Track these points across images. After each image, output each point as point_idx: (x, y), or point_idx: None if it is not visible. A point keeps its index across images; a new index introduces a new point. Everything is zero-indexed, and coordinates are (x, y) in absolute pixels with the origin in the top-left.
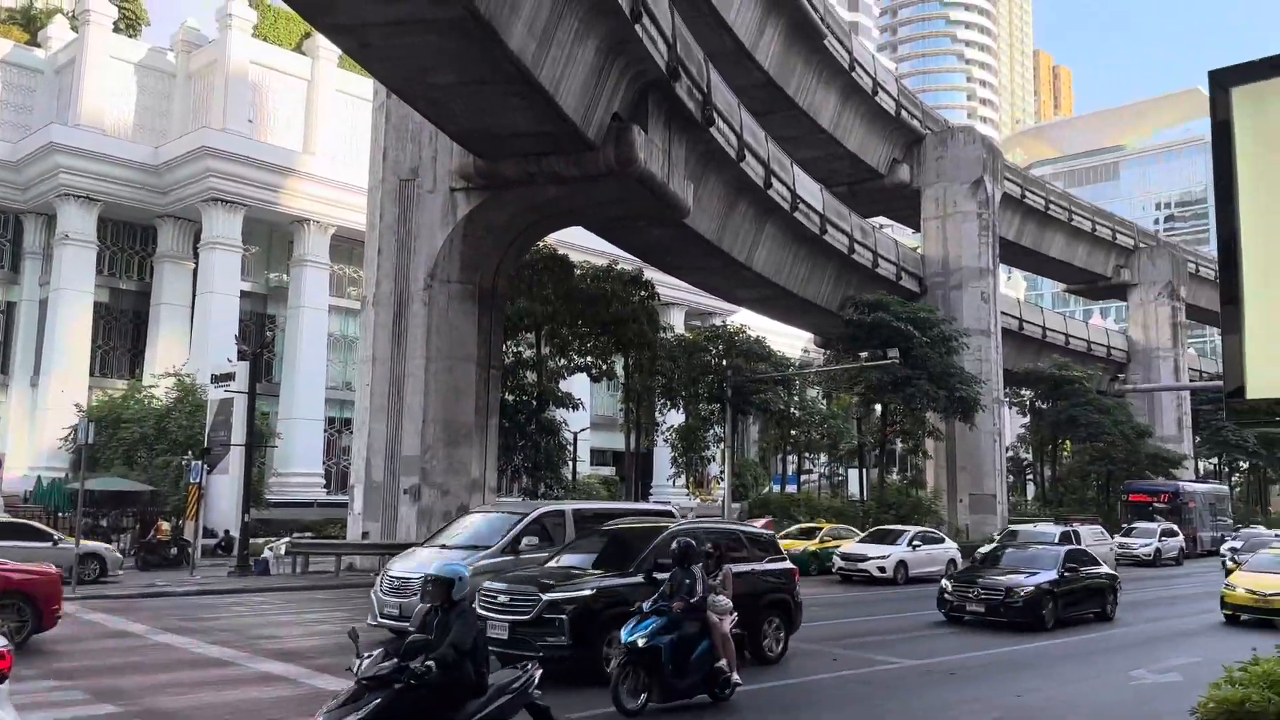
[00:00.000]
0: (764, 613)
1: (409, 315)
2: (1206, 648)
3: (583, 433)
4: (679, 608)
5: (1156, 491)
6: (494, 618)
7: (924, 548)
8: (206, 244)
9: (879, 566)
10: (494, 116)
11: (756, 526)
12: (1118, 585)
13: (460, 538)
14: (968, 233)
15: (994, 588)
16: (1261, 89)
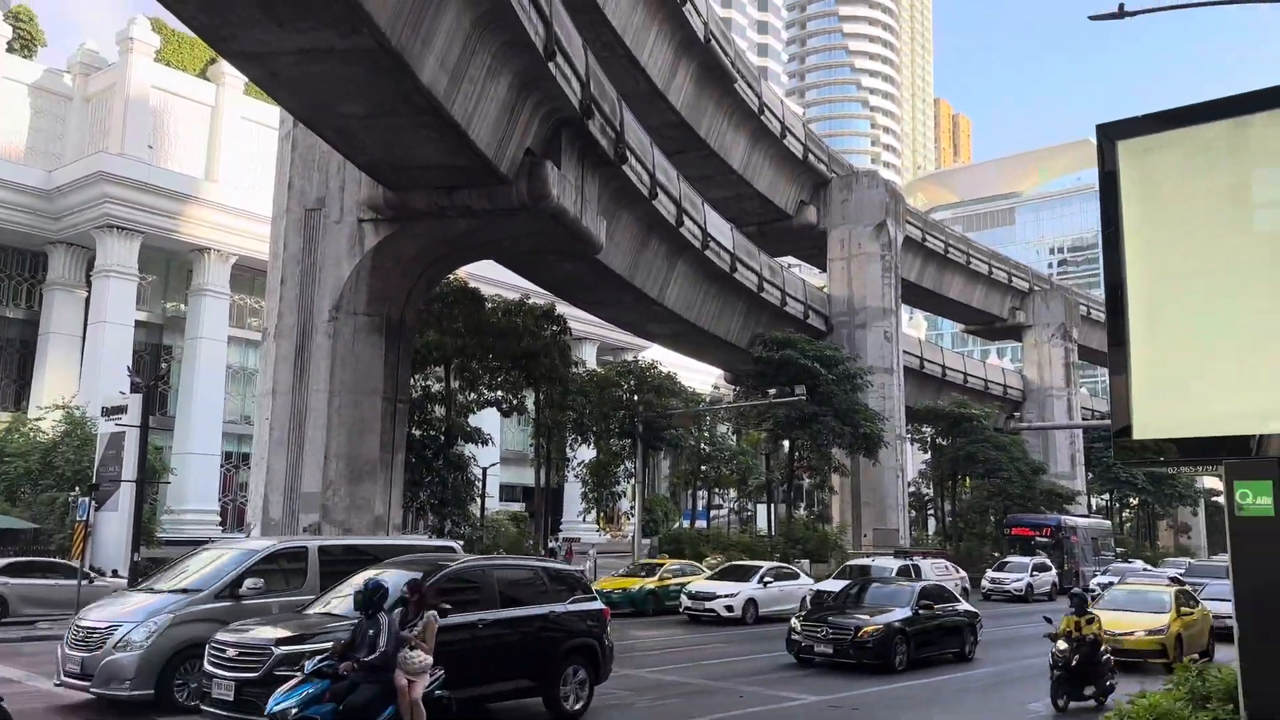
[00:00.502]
0: (564, 661)
1: (312, 347)
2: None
3: (492, 468)
4: (347, 668)
5: (1038, 525)
6: (220, 675)
7: (776, 584)
8: (100, 272)
9: (726, 605)
10: (404, 148)
11: (557, 562)
12: (977, 623)
13: (181, 579)
14: (871, 274)
15: (842, 628)
16: (1145, 143)
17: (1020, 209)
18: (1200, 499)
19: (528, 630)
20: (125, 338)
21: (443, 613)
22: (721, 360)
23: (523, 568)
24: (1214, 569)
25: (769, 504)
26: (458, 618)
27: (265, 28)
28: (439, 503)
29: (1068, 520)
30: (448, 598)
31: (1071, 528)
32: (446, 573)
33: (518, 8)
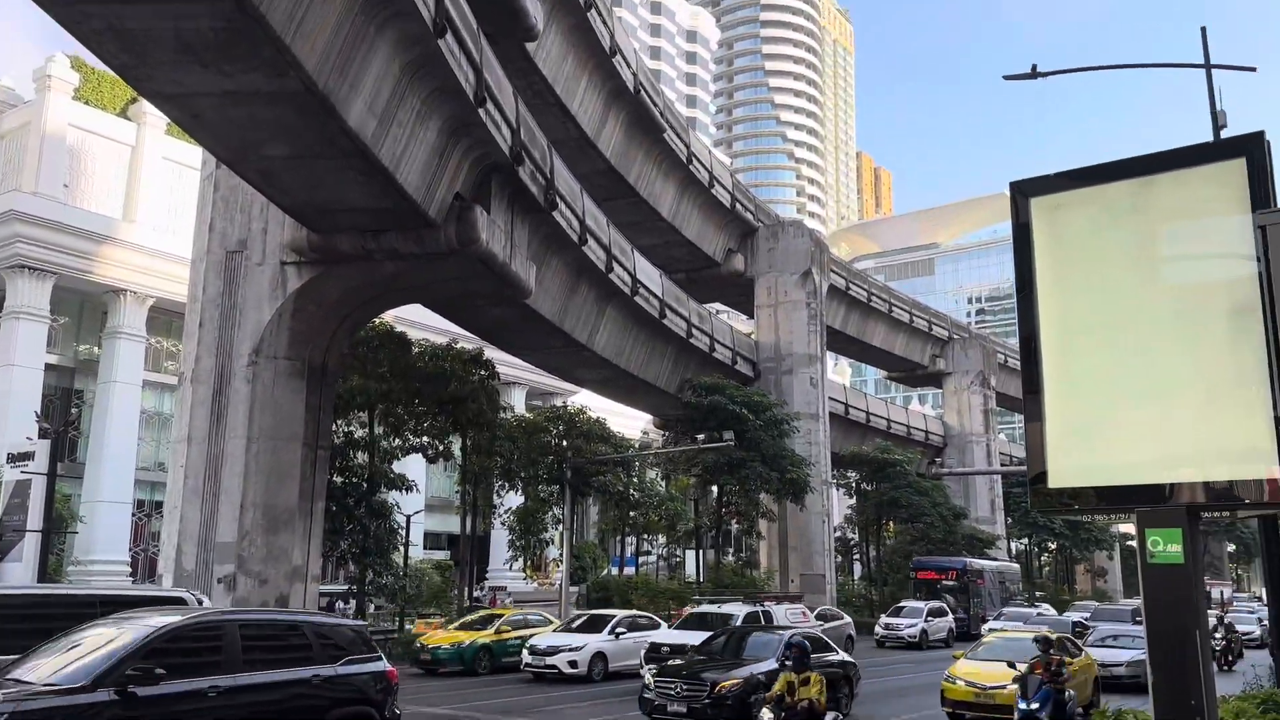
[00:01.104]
0: None
1: (230, 392)
2: None
3: (416, 516)
4: None
5: (944, 568)
6: None
7: (630, 635)
8: (9, 313)
9: (569, 660)
10: (330, 191)
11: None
12: (855, 675)
13: None
14: (797, 321)
15: (698, 683)
16: (1056, 200)
17: (940, 259)
18: (1115, 544)
19: (279, 699)
20: (34, 381)
21: (155, 679)
22: (651, 405)
23: (278, 623)
24: (1118, 613)
25: (698, 550)
26: (181, 684)
27: (188, 69)
28: (360, 552)
29: (974, 563)
30: (166, 660)
31: (978, 571)
32: (166, 629)
33: (448, 55)
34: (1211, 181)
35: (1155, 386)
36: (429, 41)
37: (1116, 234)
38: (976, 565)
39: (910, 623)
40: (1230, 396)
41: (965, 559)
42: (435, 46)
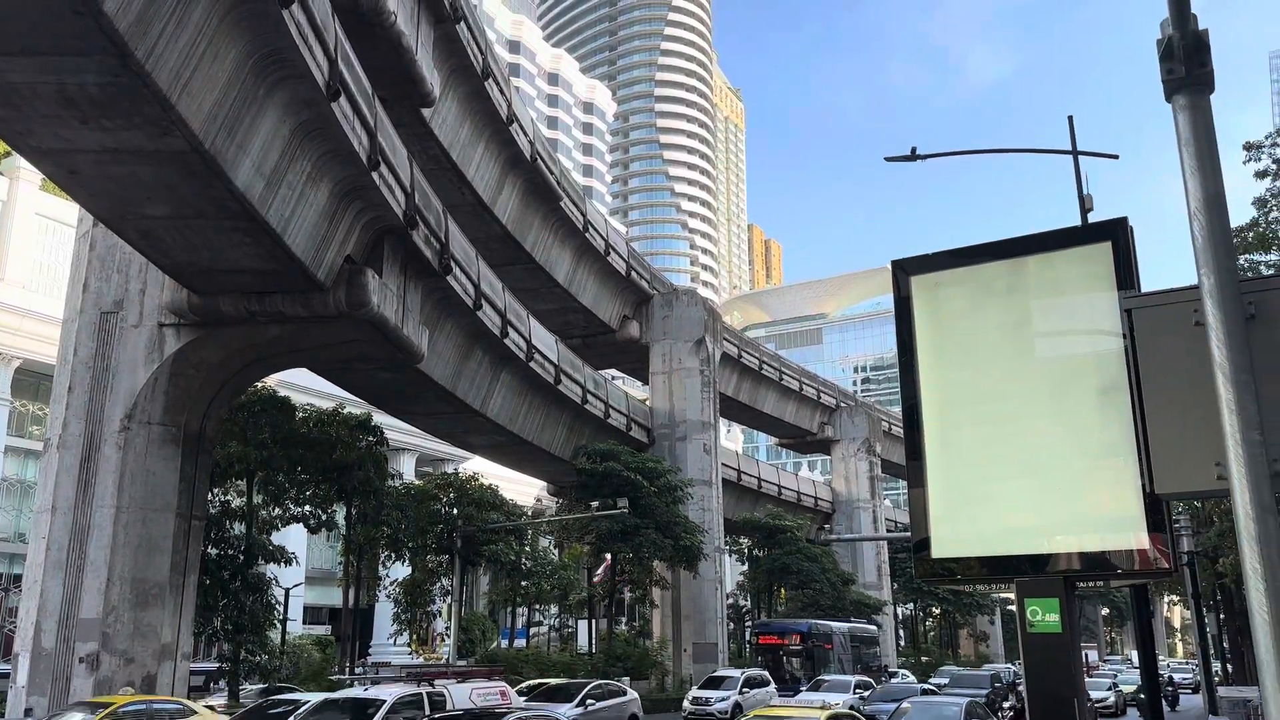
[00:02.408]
0: None
1: (99, 459)
2: None
3: (296, 589)
4: None
5: (786, 631)
6: None
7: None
8: None
9: None
10: (213, 252)
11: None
12: None
13: None
14: (691, 388)
15: None
16: (936, 278)
17: (827, 329)
18: (996, 609)
19: None
20: None
21: None
22: (545, 472)
23: None
24: (978, 679)
25: (590, 619)
26: None
27: (66, 124)
28: (234, 628)
29: (821, 626)
30: None
31: (825, 634)
32: None
33: (341, 118)
34: (1080, 262)
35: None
36: (321, 104)
37: (992, 311)
38: (824, 628)
39: (722, 695)
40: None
41: (811, 622)
42: (328, 109)
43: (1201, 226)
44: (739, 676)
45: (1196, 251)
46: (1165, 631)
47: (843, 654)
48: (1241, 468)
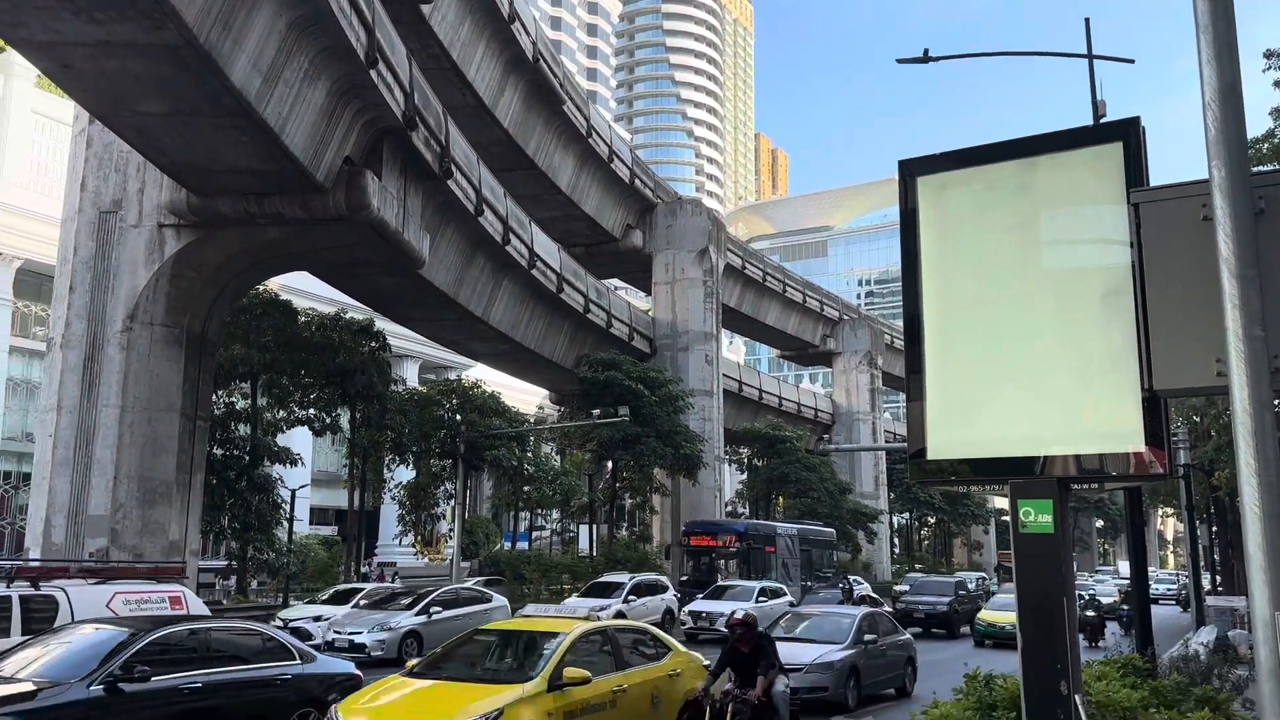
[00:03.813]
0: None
1: (103, 360)
2: None
3: (302, 490)
4: None
5: (719, 531)
6: None
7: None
8: None
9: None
10: (211, 151)
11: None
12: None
13: None
14: (694, 298)
15: None
16: (942, 179)
17: (832, 241)
18: (991, 518)
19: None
20: None
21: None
22: (547, 380)
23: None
24: (941, 585)
25: (591, 525)
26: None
27: (58, 16)
28: (241, 527)
29: (761, 526)
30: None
31: (766, 536)
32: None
33: (338, 12)
34: (1090, 165)
35: (1032, 366)
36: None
37: (999, 215)
38: (764, 529)
39: (603, 605)
40: (1102, 377)
41: (749, 521)
42: (325, 3)
43: (1215, 118)
44: (626, 584)
45: (1209, 143)
46: (1158, 544)
47: (789, 558)
48: (1242, 364)
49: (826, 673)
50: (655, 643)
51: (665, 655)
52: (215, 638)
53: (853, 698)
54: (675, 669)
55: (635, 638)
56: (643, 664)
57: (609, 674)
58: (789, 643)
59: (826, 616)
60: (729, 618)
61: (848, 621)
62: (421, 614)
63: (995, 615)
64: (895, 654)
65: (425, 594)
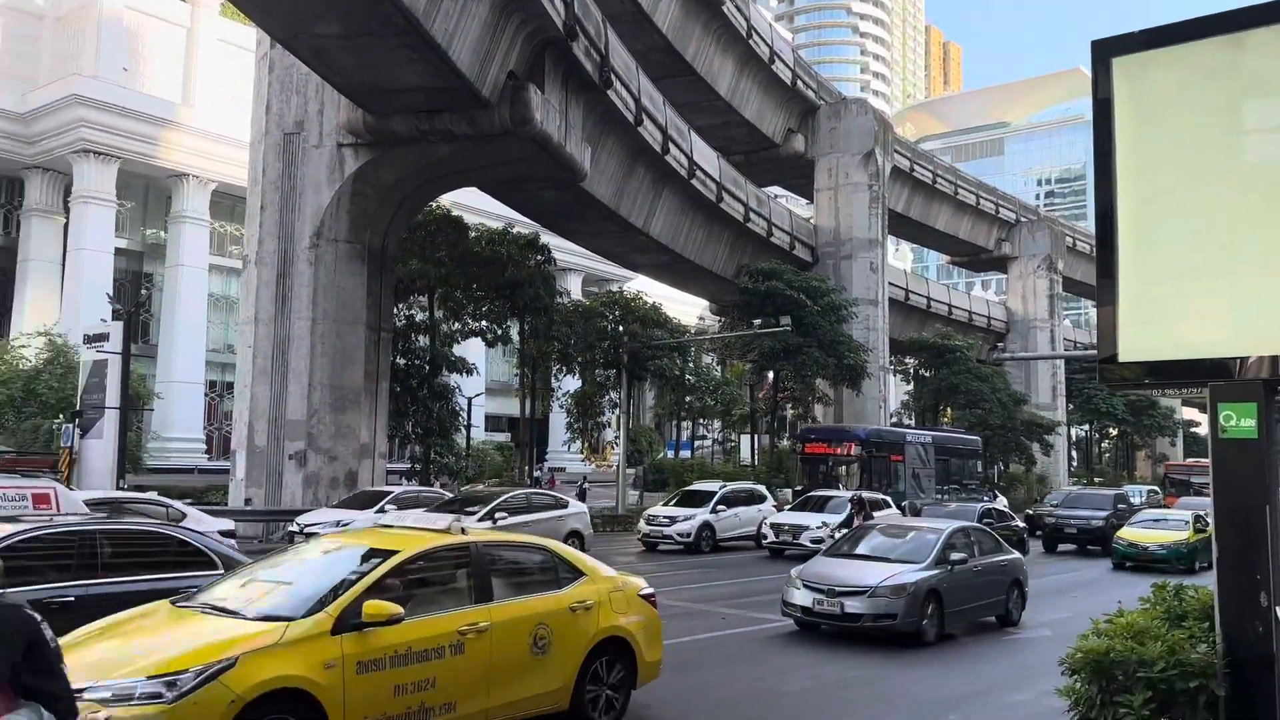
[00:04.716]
0: None
1: (294, 275)
2: None
3: (477, 398)
4: None
5: (838, 438)
6: None
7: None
8: (78, 198)
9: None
10: (383, 70)
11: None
12: None
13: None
14: (858, 204)
15: None
16: (1143, 60)
17: (1009, 139)
18: (1179, 429)
19: None
20: (105, 265)
21: None
22: (707, 291)
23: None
24: (1097, 499)
25: (752, 435)
26: None
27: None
28: (424, 432)
29: (887, 433)
30: None
31: (892, 443)
32: None
33: None
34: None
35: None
36: None
37: (1203, 100)
38: (891, 435)
39: (689, 514)
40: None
41: (874, 427)
42: None
43: None
44: (716, 492)
45: None
46: None
47: (920, 468)
48: None
49: (896, 598)
50: (559, 565)
51: (571, 581)
52: (111, 543)
53: (932, 628)
54: (584, 599)
55: (520, 559)
56: (523, 594)
57: (461, 608)
58: (856, 561)
59: (906, 532)
60: None
61: (932, 537)
62: (487, 519)
63: (1139, 534)
64: (994, 577)
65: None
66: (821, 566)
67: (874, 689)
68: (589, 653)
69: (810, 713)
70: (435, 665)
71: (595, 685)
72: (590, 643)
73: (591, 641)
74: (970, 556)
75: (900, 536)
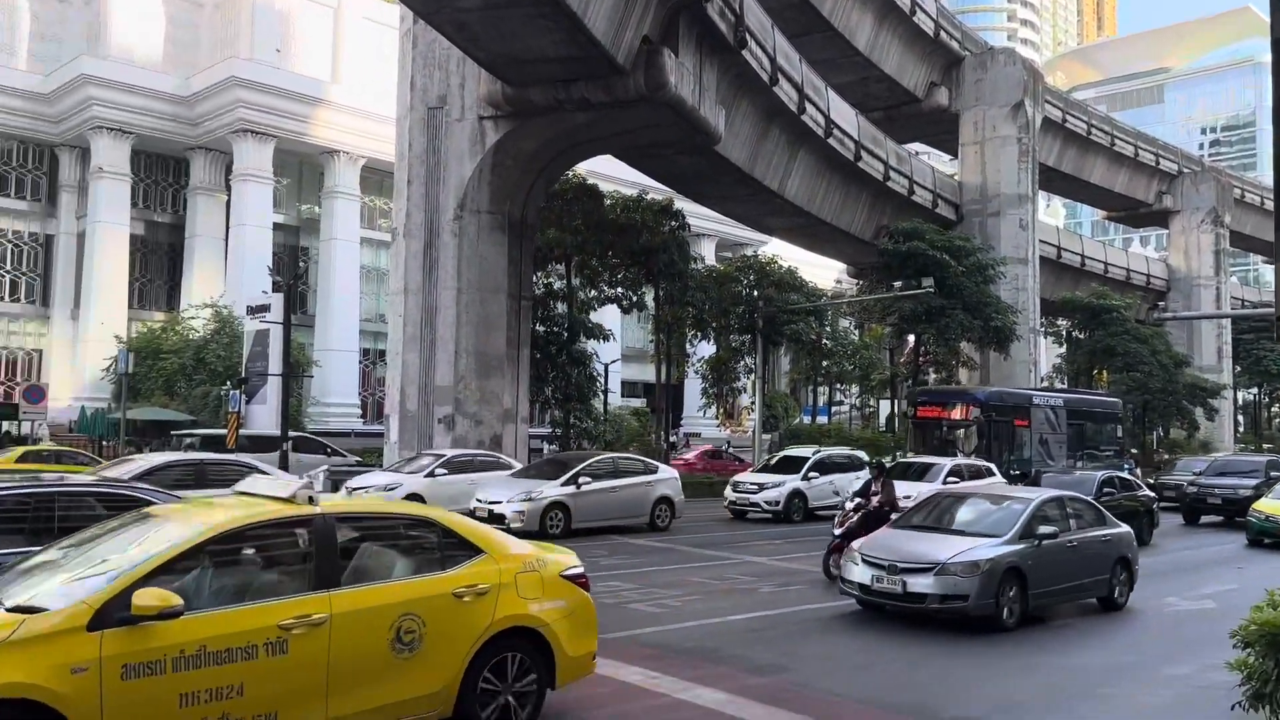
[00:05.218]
0: None
1: (439, 246)
2: None
3: (613, 364)
4: None
5: (949, 399)
6: None
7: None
8: (238, 176)
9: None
10: (521, 41)
11: None
12: None
13: None
14: (1006, 158)
15: None
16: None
17: (1170, 86)
18: None
19: None
20: (264, 239)
21: None
22: (844, 254)
23: None
24: (1245, 465)
25: (892, 400)
26: None
27: None
28: (563, 397)
29: (1010, 395)
30: None
31: (1015, 406)
32: None
33: None
34: None
35: None
36: None
37: None
38: (1014, 398)
39: (778, 481)
40: None
41: (995, 389)
42: None
43: None
44: (810, 458)
45: None
46: None
47: (1049, 433)
48: None
49: (968, 576)
50: (445, 542)
51: (462, 561)
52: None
53: (1012, 611)
54: (476, 583)
55: (390, 534)
56: (387, 578)
57: (290, 596)
58: (927, 533)
59: (990, 501)
60: None
61: (1019, 508)
62: (569, 484)
63: (1277, 506)
64: (1095, 553)
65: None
66: (887, 538)
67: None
68: (482, 648)
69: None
70: (243, 668)
71: (495, 685)
72: (483, 635)
73: (485, 634)
74: (1065, 530)
75: (983, 507)
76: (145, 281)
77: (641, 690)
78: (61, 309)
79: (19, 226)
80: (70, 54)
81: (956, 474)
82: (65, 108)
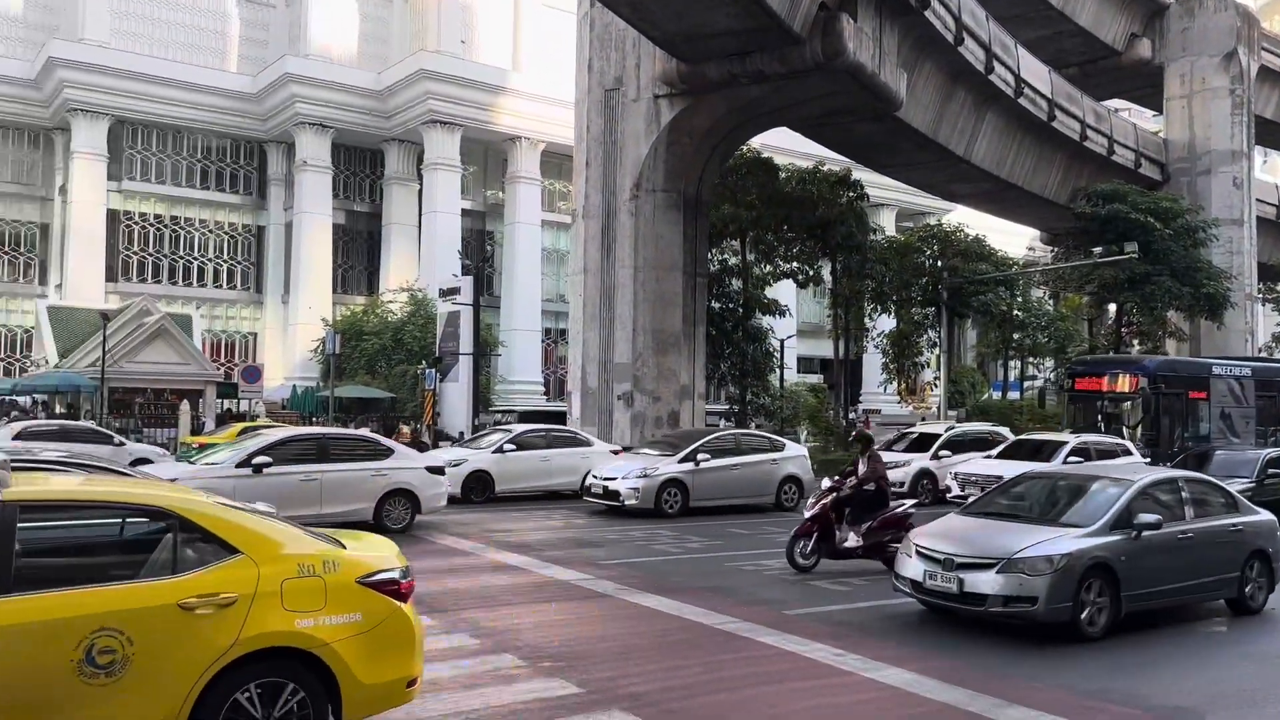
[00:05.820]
0: None
1: (616, 226)
2: None
3: (789, 340)
4: None
5: (1111, 369)
6: None
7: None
8: (429, 165)
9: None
10: (695, 17)
11: None
12: None
13: None
14: (1218, 112)
15: None
16: None
17: None
18: None
19: None
20: (454, 225)
21: None
22: (1037, 220)
23: None
24: None
25: None
26: None
27: None
28: (739, 374)
29: (1183, 365)
30: None
31: (1191, 377)
32: None
33: None
34: None
35: None
36: None
37: None
38: (1189, 368)
39: (903, 460)
40: None
41: (1164, 358)
42: None
43: None
44: (941, 434)
45: None
46: None
47: (1232, 407)
48: None
49: (1037, 575)
50: (184, 540)
51: (208, 563)
52: None
53: (1097, 616)
54: (219, 591)
55: (99, 528)
56: (84, 584)
57: None
58: (997, 521)
59: (1081, 483)
60: None
61: (1115, 491)
62: (688, 461)
63: None
64: (1220, 546)
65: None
66: (949, 527)
67: None
68: (222, 674)
69: None
70: None
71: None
72: (222, 658)
73: (226, 656)
74: (1177, 518)
75: (1072, 491)
76: (347, 267)
77: (829, 668)
78: (273, 295)
79: (234, 219)
80: (274, 55)
81: (1081, 453)
82: (271, 105)
